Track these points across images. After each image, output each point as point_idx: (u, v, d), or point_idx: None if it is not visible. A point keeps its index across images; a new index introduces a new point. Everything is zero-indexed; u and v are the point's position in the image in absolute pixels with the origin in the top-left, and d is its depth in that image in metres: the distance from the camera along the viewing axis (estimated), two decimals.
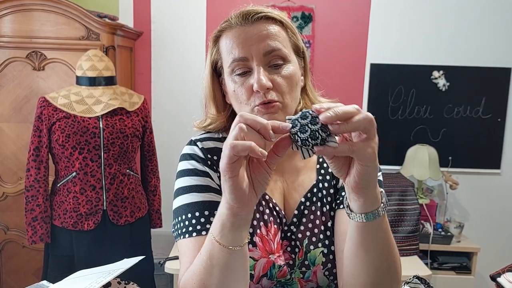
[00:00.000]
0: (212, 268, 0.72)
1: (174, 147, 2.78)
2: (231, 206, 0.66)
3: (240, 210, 0.66)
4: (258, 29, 0.85)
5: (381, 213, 0.71)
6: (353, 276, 0.79)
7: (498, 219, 3.08)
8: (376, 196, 0.70)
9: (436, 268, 2.73)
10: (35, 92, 2.45)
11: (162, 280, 2.69)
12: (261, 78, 0.82)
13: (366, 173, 0.65)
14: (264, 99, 0.83)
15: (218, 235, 0.70)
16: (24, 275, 2.57)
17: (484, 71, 2.94)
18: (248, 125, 0.62)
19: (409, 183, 2.66)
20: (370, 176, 0.66)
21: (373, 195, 0.69)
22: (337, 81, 2.91)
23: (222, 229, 0.69)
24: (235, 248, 0.70)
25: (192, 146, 0.95)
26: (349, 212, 0.72)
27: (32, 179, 2.05)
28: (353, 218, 0.72)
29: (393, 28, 2.93)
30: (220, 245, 0.70)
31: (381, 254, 0.75)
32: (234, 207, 0.66)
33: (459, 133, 3.00)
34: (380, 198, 0.71)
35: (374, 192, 0.69)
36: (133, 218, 2.17)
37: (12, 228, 2.55)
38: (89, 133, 2.02)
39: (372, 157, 0.64)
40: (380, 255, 0.75)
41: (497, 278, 1.35)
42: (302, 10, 2.89)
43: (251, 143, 0.60)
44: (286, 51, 0.86)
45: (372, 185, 0.68)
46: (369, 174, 0.66)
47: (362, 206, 0.70)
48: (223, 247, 0.70)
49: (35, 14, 2.41)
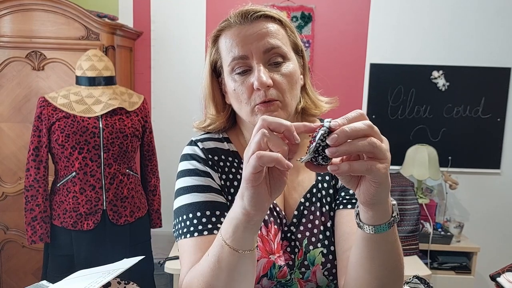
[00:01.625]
0: (220, 271, 0.72)
1: (173, 147, 2.79)
2: (248, 212, 0.66)
3: (256, 215, 0.67)
4: (257, 27, 0.85)
5: (390, 226, 0.69)
6: (357, 281, 0.78)
7: (498, 219, 3.08)
8: (387, 210, 0.68)
9: (436, 268, 2.73)
10: (35, 92, 2.45)
11: (162, 280, 2.69)
12: (262, 75, 0.82)
13: (377, 193, 0.64)
14: (264, 98, 0.83)
15: (229, 239, 0.70)
16: (23, 275, 2.57)
17: (484, 71, 2.94)
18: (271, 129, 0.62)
19: (408, 183, 2.66)
20: (381, 195, 0.65)
21: (383, 209, 0.67)
22: (337, 81, 2.91)
23: (234, 233, 0.69)
24: (246, 252, 0.70)
25: (192, 147, 0.95)
26: (359, 222, 0.71)
27: (32, 179, 2.05)
28: (363, 229, 0.70)
29: (392, 28, 2.93)
30: (231, 249, 0.70)
31: (387, 267, 0.74)
32: (251, 213, 0.66)
33: (458, 133, 3.00)
34: (391, 212, 0.69)
35: (385, 207, 0.68)
36: (133, 218, 2.17)
37: (12, 228, 2.54)
38: (89, 133, 2.02)
39: (383, 178, 0.62)
40: (386, 268, 0.74)
41: (497, 278, 1.35)
42: (302, 10, 2.89)
43: (277, 155, 0.60)
44: (285, 49, 0.86)
45: (383, 202, 0.67)
46: (380, 193, 0.64)
47: (371, 219, 0.68)
48: (234, 251, 0.70)
49: (34, 14, 2.41)
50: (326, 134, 0.60)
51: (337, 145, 0.58)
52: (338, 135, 0.58)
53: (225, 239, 0.70)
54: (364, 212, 0.68)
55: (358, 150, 0.59)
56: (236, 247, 0.70)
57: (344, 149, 0.58)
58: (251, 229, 0.69)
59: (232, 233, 0.69)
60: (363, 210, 0.68)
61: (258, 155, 0.60)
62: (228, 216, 0.70)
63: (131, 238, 2.18)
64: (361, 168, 0.60)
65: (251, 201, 0.64)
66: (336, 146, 0.58)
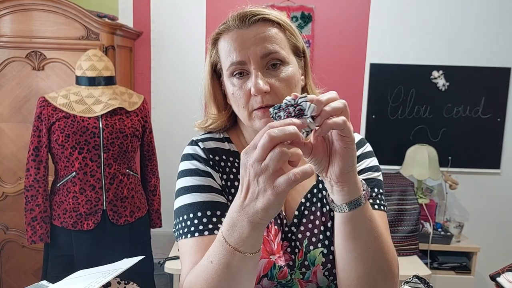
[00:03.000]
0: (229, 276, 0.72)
1: (173, 147, 2.78)
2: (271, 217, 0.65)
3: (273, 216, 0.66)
4: (255, 32, 0.85)
5: (363, 200, 0.74)
6: (345, 271, 0.80)
7: (498, 219, 3.08)
8: (358, 183, 0.73)
9: (436, 268, 2.73)
10: (35, 92, 2.45)
11: (162, 280, 2.69)
12: (258, 82, 0.82)
13: (350, 156, 0.68)
14: (261, 103, 0.83)
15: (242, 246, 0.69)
16: (23, 275, 2.57)
17: (484, 71, 2.94)
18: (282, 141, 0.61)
19: (408, 183, 2.66)
20: (353, 158, 0.69)
21: (354, 181, 0.72)
22: (337, 81, 2.91)
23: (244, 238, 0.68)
24: (255, 253, 0.70)
25: (193, 146, 0.95)
26: (334, 205, 0.75)
27: (32, 179, 2.05)
28: (338, 210, 0.75)
29: (392, 28, 2.93)
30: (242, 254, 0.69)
31: (369, 245, 0.77)
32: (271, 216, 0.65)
33: (458, 133, 3.00)
34: (361, 186, 0.74)
35: (355, 179, 0.72)
36: (133, 218, 2.17)
37: (12, 228, 2.54)
38: (89, 133, 2.02)
39: (352, 139, 0.68)
40: (368, 246, 0.77)
41: (497, 278, 1.35)
42: (302, 10, 2.89)
43: (307, 170, 0.61)
44: (284, 53, 0.86)
45: (354, 170, 0.71)
46: (352, 156, 0.69)
47: (346, 196, 0.72)
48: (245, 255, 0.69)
49: (34, 14, 2.41)
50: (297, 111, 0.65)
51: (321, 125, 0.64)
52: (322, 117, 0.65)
53: (238, 247, 0.69)
54: (337, 192, 0.73)
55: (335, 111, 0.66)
56: (250, 251, 0.69)
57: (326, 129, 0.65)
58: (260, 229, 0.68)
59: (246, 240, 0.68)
60: (337, 189, 0.72)
61: (295, 176, 0.60)
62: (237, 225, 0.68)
63: (131, 238, 2.18)
64: (339, 121, 0.65)
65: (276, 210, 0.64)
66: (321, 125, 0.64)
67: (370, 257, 0.78)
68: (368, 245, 0.77)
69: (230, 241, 0.69)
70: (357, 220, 0.75)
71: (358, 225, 0.75)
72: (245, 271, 0.72)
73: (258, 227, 0.67)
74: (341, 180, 0.70)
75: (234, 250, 0.69)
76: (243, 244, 0.69)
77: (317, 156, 0.70)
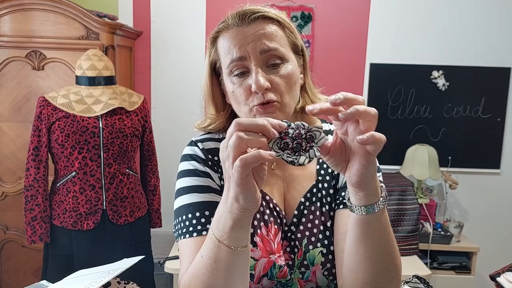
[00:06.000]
0: (218, 271, 0.73)
1: (173, 147, 2.78)
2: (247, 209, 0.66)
3: (254, 209, 0.67)
4: (254, 29, 0.85)
5: (381, 206, 0.72)
6: (352, 272, 0.79)
7: (498, 219, 3.08)
8: (376, 189, 0.71)
9: (436, 268, 2.73)
10: (35, 92, 2.44)
11: (162, 280, 2.69)
12: (259, 78, 0.81)
13: (366, 173, 0.67)
14: (262, 99, 0.83)
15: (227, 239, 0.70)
16: (23, 275, 2.57)
17: (484, 71, 2.94)
18: (248, 131, 0.62)
19: (408, 183, 2.66)
20: (370, 174, 0.68)
21: (373, 188, 0.71)
22: (337, 81, 2.91)
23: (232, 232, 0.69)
24: (243, 248, 0.71)
25: (192, 147, 0.95)
26: (350, 205, 0.74)
27: (32, 178, 2.05)
28: (354, 211, 0.73)
29: (392, 28, 2.93)
30: (228, 248, 0.70)
31: (380, 250, 0.76)
32: (250, 209, 0.67)
33: (458, 133, 3.00)
34: (380, 192, 0.73)
35: (374, 186, 0.71)
36: (133, 218, 2.17)
37: (12, 227, 2.54)
38: (89, 133, 2.02)
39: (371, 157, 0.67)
40: (379, 251, 0.76)
41: (497, 278, 1.35)
42: (302, 9, 2.89)
43: (259, 151, 0.61)
44: (283, 51, 0.86)
45: (372, 181, 0.70)
46: (368, 172, 0.67)
47: (362, 199, 0.71)
48: (232, 249, 0.70)
49: (34, 13, 2.41)
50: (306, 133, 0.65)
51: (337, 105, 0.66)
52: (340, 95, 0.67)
53: (222, 240, 0.70)
54: (354, 194, 0.71)
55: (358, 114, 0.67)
56: (234, 245, 0.70)
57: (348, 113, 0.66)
58: (247, 224, 0.70)
59: (230, 233, 0.70)
60: (354, 192, 0.71)
61: (242, 162, 0.61)
62: (221, 217, 0.70)
63: (131, 238, 2.18)
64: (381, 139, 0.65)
65: (247, 200, 0.65)
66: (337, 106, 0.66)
67: (380, 264, 0.77)
68: (379, 250, 0.76)
69: (216, 234, 0.71)
70: (372, 224, 0.74)
71: (372, 229, 0.74)
72: (233, 268, 0.72)
73: (240, 220, 0.68)
74: (357, 187, 0.70)
75: (219, 243, 0.71)
76: (227, 237, 0.70)
77: (334, 159, 0.70)
